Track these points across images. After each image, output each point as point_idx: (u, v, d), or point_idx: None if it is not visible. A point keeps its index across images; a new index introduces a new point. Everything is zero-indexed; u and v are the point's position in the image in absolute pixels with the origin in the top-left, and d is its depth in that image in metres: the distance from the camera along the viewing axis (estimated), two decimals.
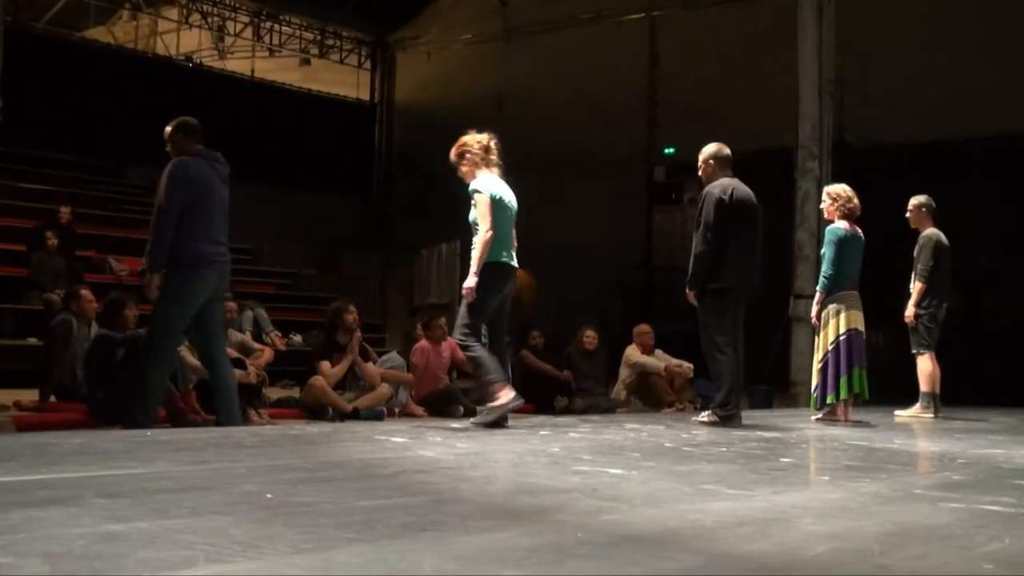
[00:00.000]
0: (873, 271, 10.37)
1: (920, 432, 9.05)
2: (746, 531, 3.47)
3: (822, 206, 9.93)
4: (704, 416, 8.63)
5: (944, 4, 16.26)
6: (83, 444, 5.69)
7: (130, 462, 4.90)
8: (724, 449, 6.42)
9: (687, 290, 8.60)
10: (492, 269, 7.79)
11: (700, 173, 8.87)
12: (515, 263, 8.05)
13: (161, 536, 3.00)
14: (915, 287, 10.83)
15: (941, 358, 11.12)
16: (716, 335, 8.43)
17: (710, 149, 8.84)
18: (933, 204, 11.22)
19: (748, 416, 9.20)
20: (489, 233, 7.76)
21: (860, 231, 9.60)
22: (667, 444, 6.70)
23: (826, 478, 5.34)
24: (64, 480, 4.23)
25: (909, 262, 11.19)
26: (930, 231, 10.93)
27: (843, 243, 9.41)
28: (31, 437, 6.44)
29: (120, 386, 8.33)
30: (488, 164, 8.19)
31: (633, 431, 7.75)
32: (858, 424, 9.18)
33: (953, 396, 12.44)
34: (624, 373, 12.62)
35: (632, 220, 20.03)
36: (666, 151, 19.88)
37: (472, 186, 8.05)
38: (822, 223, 12.94)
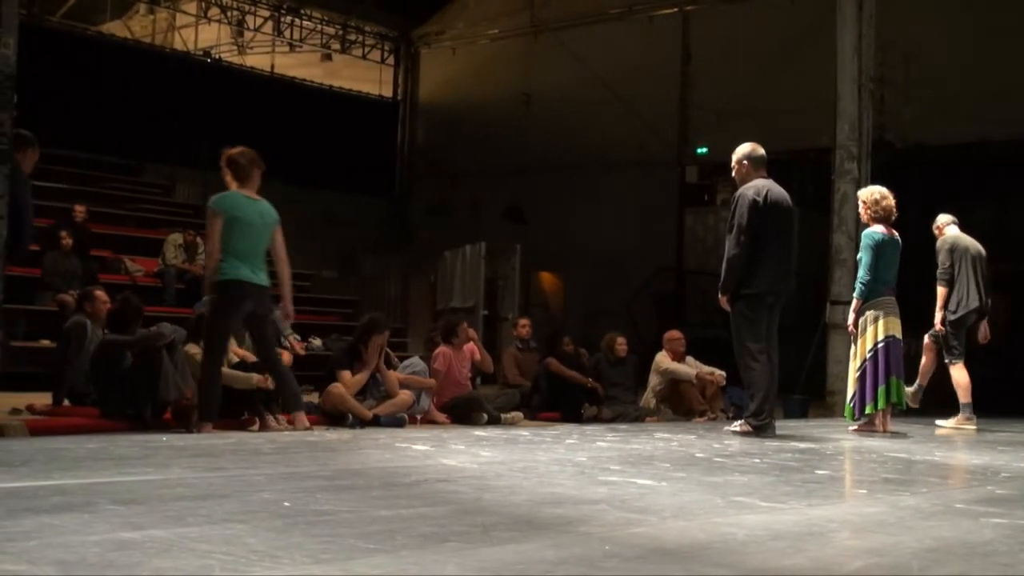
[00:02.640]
0: (913, 275, 10.02)
1: (962, 444, 8.88)
2: (780, 545, 3.41)
3: (859, 211, 9.55)
4: (737, 425, 8.43)
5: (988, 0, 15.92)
6: (97, 449, 5.69)
7: (145, 468, 4.97)
8: (757, 460, 6.32)
9: (720, 295, 8.41)
10: (228, 287, 7.65)
11: (733, 174, 8.67)
12: (260, 280, 7.82)
13: (176, 544, 3.00)
14: (937, 292, 10.76)
15: (984, 366, 10.75)
16: (749, 342, 8.23)
17: (744, 149, 8.62)
18: (955, 219, 11.01)
19: (782, 426, 9.08)
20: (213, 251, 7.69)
21: (897, 234, 9.22)
22: (698, 454, 6.65)
23: (863, 491, 5.19)
24: (78, 486, 4.21)
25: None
26: (948, 234, 10.77)
27: (879, 247, 9.04)
28: (44, 442, 6.31)
29: (132, 388, 8.28)
30: (239, 179, 7.86)
31: (663, 440, 7.67)
32: (896, 435, 8.95)
33: (999, 406, 12.08)
34: (654, 380, 12.37)
35: (663, 222, 19.83)
36: (699, 151, 19.67)
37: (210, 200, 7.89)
38: (860, 226, 12.55)
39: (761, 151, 8.56)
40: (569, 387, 11.82)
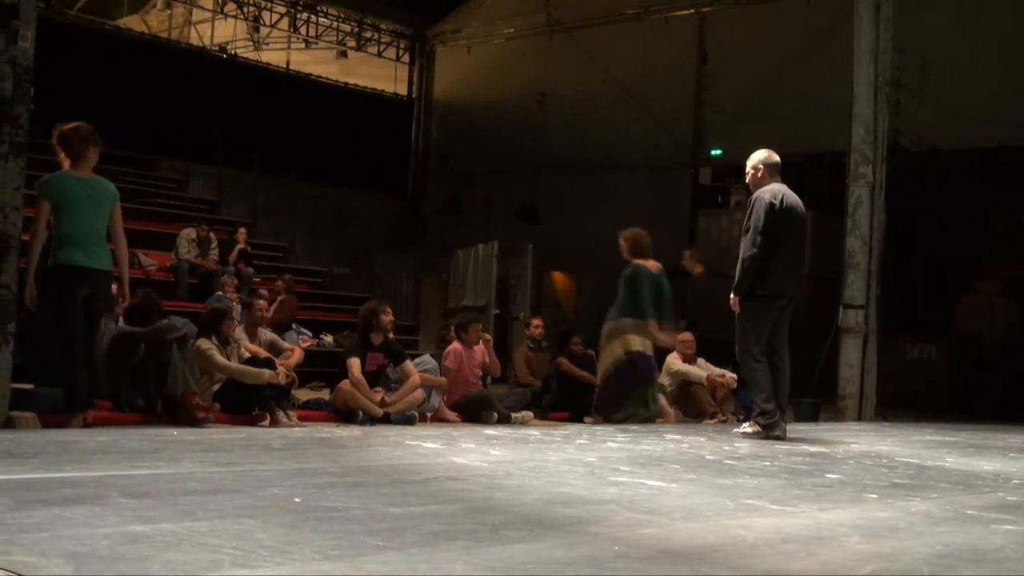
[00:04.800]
0: (928, 280, 9.99)
1: (973, 451, 8.78)
2: (790, 548, 3.42)
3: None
4: (746, 427, 8.52)
5: (1007, 3, 15.80)
6: (108, 442, 5.69)
7: (156, 462, 4.94)
8: (768, 463, 6.30)
9: (732, 295, 8.46)
10: (62, 272, 7.24)
11: (748, 179, 8.75)
12: (97, 264, 7.39)
13: (187, 538, 3.00)
14: None
15: (997, 372, 10.72)
16: (752, 344, 8.36)
17: (760, 155, 8.73)
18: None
19: (794, 429, 9.11)
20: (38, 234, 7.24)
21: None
22: (708, 456, 6.63)
23: (874, 496, 5.10)
24: (89, 479, 4.23)
25: (963, 270, 10.76)
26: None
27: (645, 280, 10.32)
28: (55, 434, 6.36)
29: (143, 379, 8.34)
30: (71, 157, 7.48)
31: (673, 442, 7.68)
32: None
33: (1012, 411, 12.04)
34: (665, 382, 12.27)
35: (676, 224, 19.76)
36: (713, 153, 19.62)
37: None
38: (875, 230, 12.51)
39: (776, 158, 8.63)
40: (580, 387, 11.78)
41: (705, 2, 19.63)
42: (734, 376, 12.02)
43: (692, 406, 12.18)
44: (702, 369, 12.40)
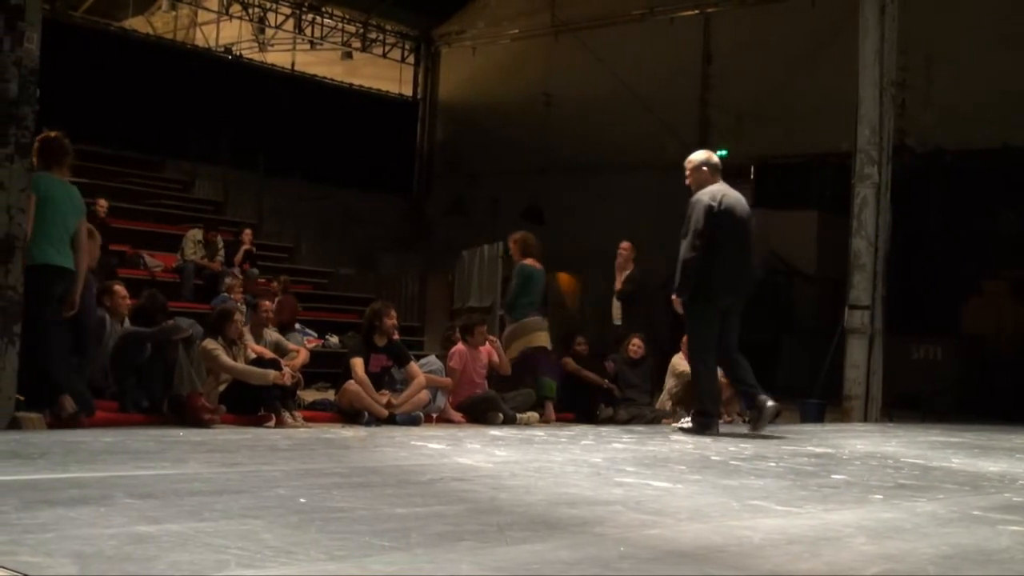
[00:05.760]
0: (934, 281, 9.98)
1: (979, 452, 8.77)
2: (795, 549, 3.42)
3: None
4: (685, 422, 8.86)
5: (1011, 4, 15.78)
6: (114, 443, 5.71)
7: (161, 462, 4.97)
8: (773, 464, 6.31)
9: (673, 296, 8.67)
10: (41, 272, 7.16)
11: (689, 181, 8.89)
12: (67, 263, 7.38)
13: (192, 539, 3.00)
14: None
15: (1006, 373, 10.71)
16: (702, 345, 8.66)
17: (700, 156, 8.95)
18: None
19: (799, 430, 9.23)
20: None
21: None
22: (714, 457, 6.61)
23: (880, 497, 5.10)
24: (95, 479, 4.24)
25: (969, 271, 10.74)
26: None
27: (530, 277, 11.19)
28: (61, 435, 6.34)
29: (148, 380, 8.31)
30: (50, 161, 7.49)
31: (679, 443, 7.66)
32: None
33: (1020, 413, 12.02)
34: (670, 383, 12.32)
35: (681, 224, 19.68)
36: (718, 153, 19.50)
37: None
38: (880, 231, 12.50)
39: (716, 158, 8.85)
40: (585, 388, 11.78)
41: (710, 3, 19.63)
42: None
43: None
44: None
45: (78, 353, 7.91)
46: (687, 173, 8.87)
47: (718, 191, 8.61)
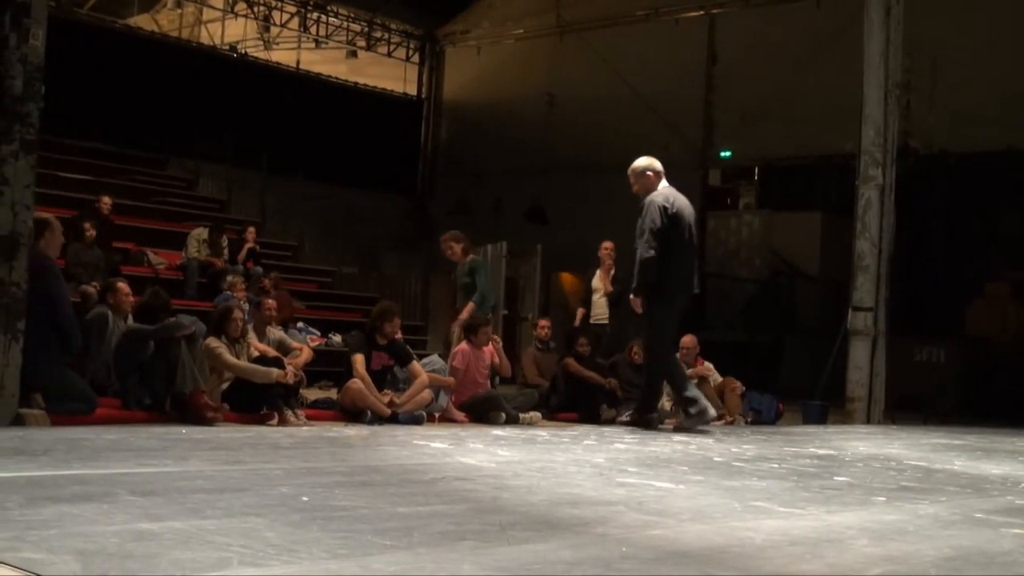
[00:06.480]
0: (937, 283, 9.98)
1: (982, 454, 8.79)
2: (798, 551, 3.42)
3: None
4: (626, 416, 9.57)
5: (1016, 5, 15.76)
6: (117, 440, 5.73)
7: (164, 460, 4.97)
8: (776, 465, 6.34)
9: (632, 296, 8.91)
10: None
11: (636, 188, 9.22)
12: None
13: (195, 536, 3.01)
14: None
15: (1010, 374, 10.71)
16: (668, 342, 9.14)
17: (644, 162, 9.29)
18: None
19: (802, 432, 9.35)
20: None
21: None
22: (716, 458, 6.65)
23: (882, 499, 5.12)
24: (97, 476, 4.25)
25: (973, 273, 10.74)
26: None
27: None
28: (64, 432, 6.35)
29: (151, 377, 8.30)
30: None
31: (681, 443, 7.74)
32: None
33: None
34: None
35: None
36: (722, 154, 19.61)
37: None
38: (884, 232, 12.49)
39: (659, 164, 9.23)
40: (587, 388, 11.77)
41: (715, 3, 19.63)
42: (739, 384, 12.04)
43: None
44: (708, 371, 12.36)
45: (67, 350, 7.86)
46: (632, 181, 9.25)
47: (669, 193, 9.02)
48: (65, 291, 7.96)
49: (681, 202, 9.05)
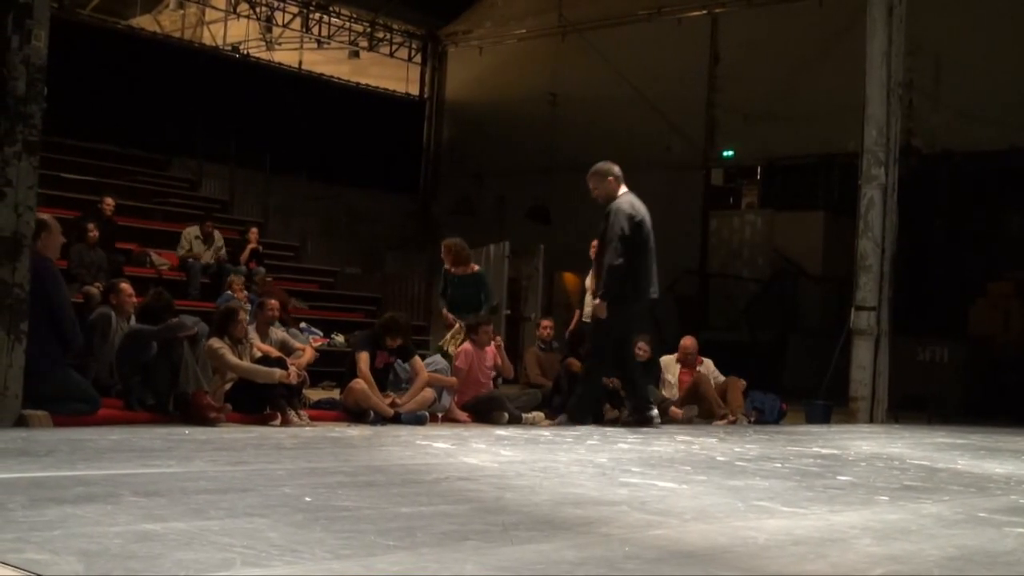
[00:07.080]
0: (940, 282, 9.97)
1: (985, 453, 8.80)
2: (801, 550, 3.42)
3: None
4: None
5: (1020, 5, 15.75)
6: (120, 441, 5.75)
7: (167, 461, 4.97)
8: (779, 465, 6.35)
9: (598, 301, 9.00)
10: None
11: (597, 193, 9.35)
12: None
13: (198, 537, 3.01)
14: None
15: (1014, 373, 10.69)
16: (619, 341, 9.20)
17: (605, 167, 9.39)
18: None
19: (805, 431, 9.33)
20: None
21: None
22: (719, 458, 6.65)
23: (885, 498, 5.11)
24: (101, 477, 4.25)
25: (976, 272, 10.72)
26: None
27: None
28: (67, 432, 6.35)
29: (154, 378, 8.30)
30: None
31: (684, 443, 7.74)
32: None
33: None
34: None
35: (687, 225, 19.71)
36: (725, 154, 19.60)
37: None
38: (887, 232, 12.48)
39: (618, 169, 9.32)
40: None
41: (718, 3, 19.63)
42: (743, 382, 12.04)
43: (702, 407, 12.15)
44: (709, 372, 12.36)
45: (67, 352, 7.85)
46: (592, 186, 9.35)
47: (634, 200, 9.18)
48: (65, 292, 7.96)
49: (644, 209, 9.20)
